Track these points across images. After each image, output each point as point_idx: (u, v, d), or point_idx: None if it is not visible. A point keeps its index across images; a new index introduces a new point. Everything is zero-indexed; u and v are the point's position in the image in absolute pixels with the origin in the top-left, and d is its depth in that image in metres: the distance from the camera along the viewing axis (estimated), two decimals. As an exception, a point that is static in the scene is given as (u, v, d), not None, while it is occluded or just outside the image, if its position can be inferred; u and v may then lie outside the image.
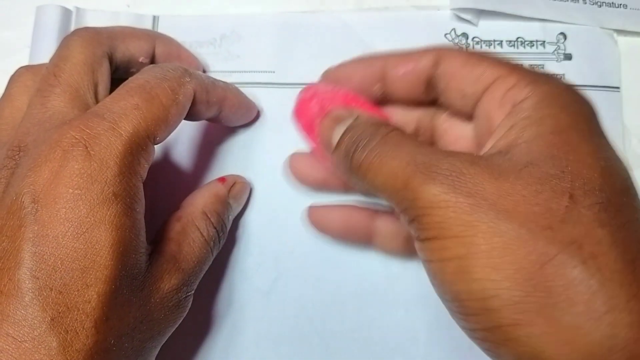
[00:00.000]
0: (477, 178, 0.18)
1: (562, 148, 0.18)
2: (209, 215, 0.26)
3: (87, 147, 0.20)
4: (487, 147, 0.20)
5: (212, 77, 0.27)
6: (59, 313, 0.19)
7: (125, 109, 0.22)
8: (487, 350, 0.18)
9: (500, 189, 0.18)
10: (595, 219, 0.17)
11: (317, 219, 0.28)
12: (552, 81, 0.21)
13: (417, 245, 0.20)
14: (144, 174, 0.23)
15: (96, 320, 0.19)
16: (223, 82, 0.28)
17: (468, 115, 0.23)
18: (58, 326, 0.19)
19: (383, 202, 0.26)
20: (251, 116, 0.30)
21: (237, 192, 0.28)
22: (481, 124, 0.22)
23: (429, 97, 0.24)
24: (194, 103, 0.25)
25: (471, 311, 0.18)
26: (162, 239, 0.24)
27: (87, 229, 0.20)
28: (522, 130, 0.19)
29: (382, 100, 0.25)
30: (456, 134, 0.25)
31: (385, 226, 0.26)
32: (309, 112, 0.25)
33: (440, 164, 0.19)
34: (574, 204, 0.17)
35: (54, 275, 0.19)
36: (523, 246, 0.17)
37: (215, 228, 0.26)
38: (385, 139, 0.21)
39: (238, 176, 0.29)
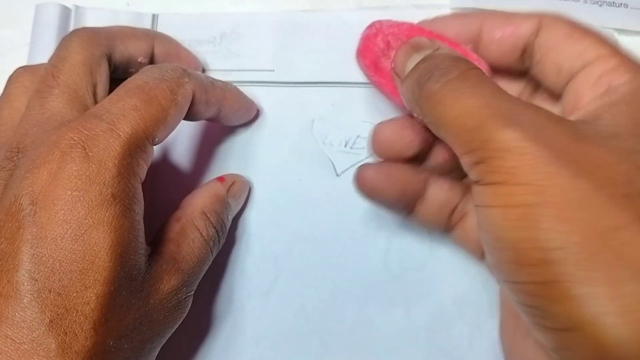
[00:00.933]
0: (560, 135, 0.18)
1: None
2: (209, 215, 0.26)
3: (85, 149, 0.20)
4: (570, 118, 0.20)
5: (212, 77, 0.27)
6: (58, 315, 0.19)
7: (124, 110, 0.22)
8: (532, 308, 0.17)
9: (583, 150, 0.17)
10: None
11: (366, 178, 0.25)
12: None
13: (477, 189, 0.19)
14: (143, 175, 0.23)
15: (95, 321, 0.19)
16: (222, 82, 0.28)
17: (557, 95, 0.23)
18: (57, 328, 0.19)
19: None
20: (250, 115, 0.30)
21: (237, 191, 0.28)
22: (568, 101, 0.22)
23: (522, 67, 0.24)
24: (193, 103, 0.25)
25: (529, 261, 0.17)
26: (161, 239, 0.24)
27: (85, 230, 0.20)
28: (611, 106, 0.19)
29: None
30: None
31: (435, 194, 0.25)
32: (374, 48, 0.24)
33: (522, 113, 0.18)
34: None
35: (52, 277, 0.19)
36: (599, 206, 0.16)
37: (214, 228, 0.26)
38: (465, 75, 0.20)
39: (237, 175, 0.29)
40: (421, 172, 0.25)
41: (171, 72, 0.24)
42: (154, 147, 0.23)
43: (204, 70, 0.32)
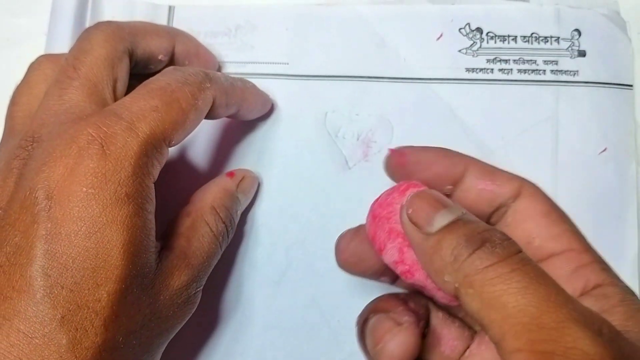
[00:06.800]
0: (624, 343, 0.17)
1: None
2: (218, 211, 0.26)
3: (103, 146, 0.20)
4: None
5: (231, 77, 0.27)
6: (70, 311, 0.19)
7: (144, 110, 0.22)
8: None
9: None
10: None
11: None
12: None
13: None
14: (156, 175, 0.23)
15: (105, 318, 0.20)
16: (241, 80, 0.28)
17: None
18: (68, 324, 0.19)
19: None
20: (265, 109, 0.31)
21: (246, 186, 0.29)
22: None
23: (488, 220, 0.23)
24: (213, 107, 0.25)
25: None
26: (172, 234, 0.24)
27: (99, 228, 0.20)
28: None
29: None
30: None
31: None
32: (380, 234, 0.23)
33: (596, 319, 0.17)
34: None
35: (65, 274, 0.19)
36: None
37: (224, 223, 0.26)
38: (517, 262, 0.18)
39: (246, 170, 0.29)
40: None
41: (194, 76, 0.24)
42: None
43: (219, 68, 0.32)
